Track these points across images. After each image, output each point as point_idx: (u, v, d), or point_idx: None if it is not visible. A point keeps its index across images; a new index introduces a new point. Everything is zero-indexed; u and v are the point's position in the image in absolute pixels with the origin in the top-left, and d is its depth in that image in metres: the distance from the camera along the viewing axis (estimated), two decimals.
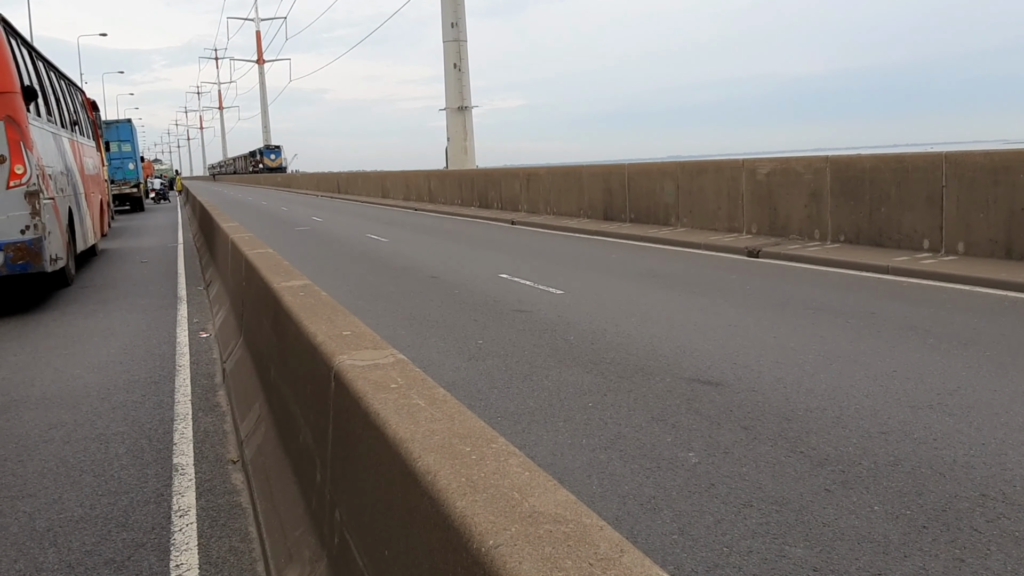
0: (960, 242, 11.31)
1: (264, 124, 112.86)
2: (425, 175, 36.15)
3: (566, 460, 4.89)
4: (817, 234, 13.78)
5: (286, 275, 5.62)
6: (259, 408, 5.06)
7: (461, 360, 7.37)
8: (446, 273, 13.16)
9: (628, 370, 6.77)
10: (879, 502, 4.16)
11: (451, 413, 2.46)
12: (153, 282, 13.75)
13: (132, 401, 6.60)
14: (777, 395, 5.94)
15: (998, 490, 4.23)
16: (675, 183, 17.71)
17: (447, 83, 35.35)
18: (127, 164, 38.35)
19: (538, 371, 6.87)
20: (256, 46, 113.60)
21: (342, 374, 3.00)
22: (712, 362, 6.89)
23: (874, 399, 5.75)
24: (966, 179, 11.20)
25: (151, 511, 4.46)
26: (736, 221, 15.81)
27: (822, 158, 13.94)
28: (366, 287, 12.05)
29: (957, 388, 5.92)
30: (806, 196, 14.03)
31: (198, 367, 7.62)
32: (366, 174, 49.85)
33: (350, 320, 3.98)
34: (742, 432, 5.23)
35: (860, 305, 9.09)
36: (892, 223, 12.36)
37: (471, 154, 36.15)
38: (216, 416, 6.11)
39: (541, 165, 28.20)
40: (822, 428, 5.23)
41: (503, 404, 6.02)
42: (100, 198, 19.02)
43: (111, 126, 37.56)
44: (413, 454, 2.15)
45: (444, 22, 34.92)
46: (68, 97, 16.68)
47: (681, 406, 5.78)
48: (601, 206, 20.67)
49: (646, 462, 4.80)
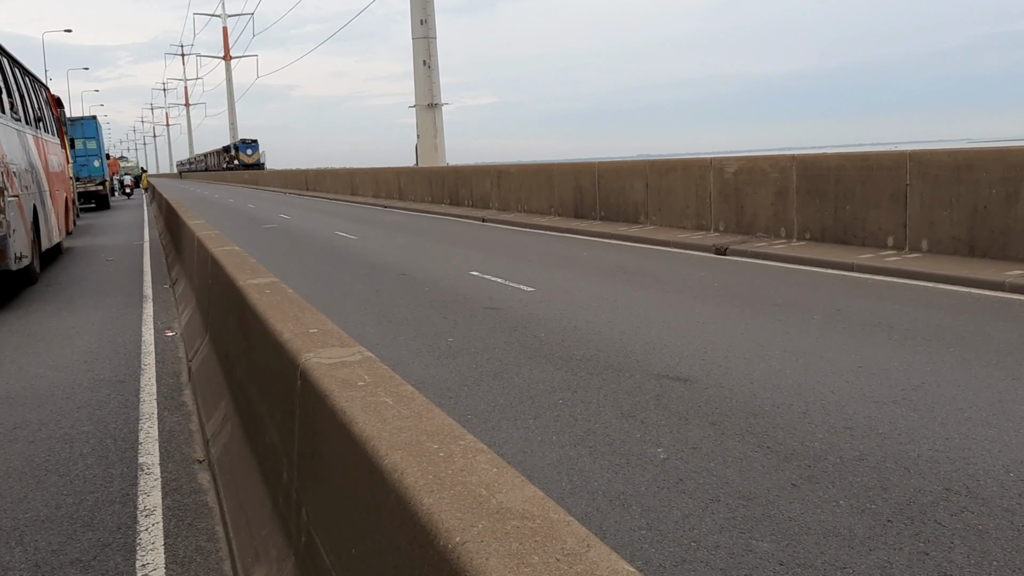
0: (924, 240, 11.46)
1: (231, 121, 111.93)
2: (395, 172, 36.01)
3: (536, 457, 4.90)
4: (783, 232, 13.90)
5: (252, 273, 5.57)
6: (225, 407, 5.01)
7: (431, 358, 7.35)
8: (416, 270, 13.12)
9: (598, 367, 6.79)
10: (844, 496, 4.21)
11: (419, 410, 2.45)
12: (119, 280, 13.58)
13: (97, 400, 6.52)
14: (744, 391, 5.99)
15: (961, 484, 4.29)
16: (644, 181, 17.79)
17: (417, 80, 35.23)
18: (92, 161, 37.84)
19: (509, 368, 6.87)
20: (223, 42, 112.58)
21: (308, 372, 2.97)
22: (681, 358, 6.93)
23: (840, 394, 5.81)
24: (930, 177, 11.35)
25: (117, 511, 4.41)
26: (704, 219, 15.91)
27: (788, 157, 14.06)
28: (334, 285, 11.99)
29: (921, 383, 6.00)
30: (773, 194, 14.14)
31: (164, 366, 7.54)
32: (335, 171, 49.57)
33: (317, 318, 3.95)
34: (710, 428, 5.26)
35: (826, 302, 9.18)
36: (857, 221, 12.50)
37: (442, 151, 36.06)
38: (182, 415, 6.05)
39: (512, 163, 28.20)
40: (789, 423, 5.28)
41: (473, 402, 6.02)
42: (65, 196, 18.75)
43: (76, 123, 37.03)
44: (380, 451, 2.14)
45: (413, 19, 34.80)
46: (32, 94, 16.42)
47: (650, 402, 5.81)
48: (572, 204, 20.71)
49: (615, 458, 4.82)
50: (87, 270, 15.20)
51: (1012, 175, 10.32)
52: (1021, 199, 10.23)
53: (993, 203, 10.55)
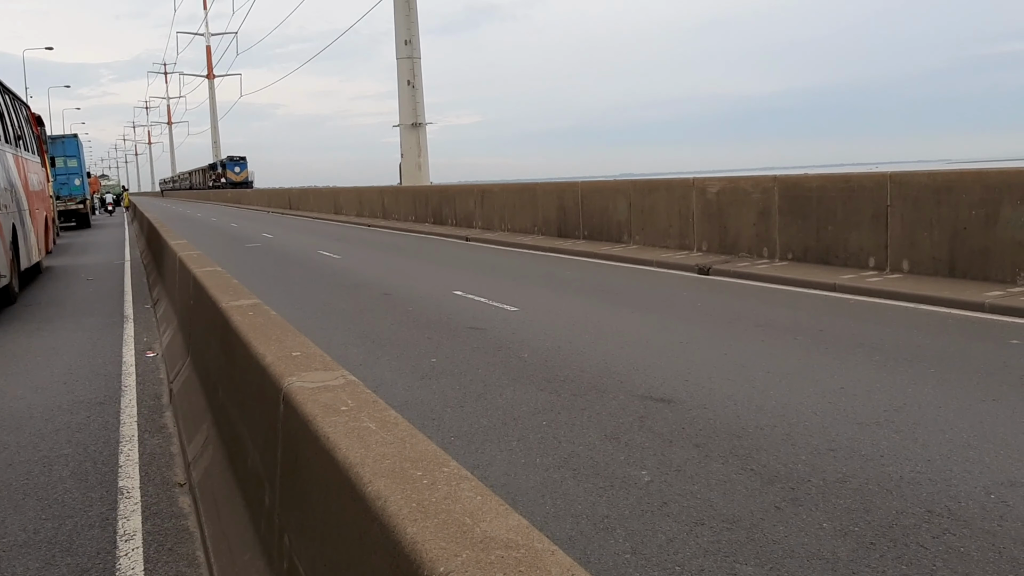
0: (905, 260, 11.55)
1: (214, 139, 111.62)
2: (379, 191, 36.01)
3: (520, 480, 4.88)
4: (766, 252, 13.98)
5: (235, 294, 5.54)
6: (207, 430, 4.97)
7: (414, 379, 7.33)
8: (399, 290, 13.10)
9: (582, 388, 6.78)
10: (828, 519, 4.21)
11: (403, 436, 2.44)
12: (99, 300, 13.48)
13: (77, 422, 6.45)
14: (728, 412, 5.99)
15: (943, 506, 4.31)
16: (628, 201, 17.86)
17: (401, 100, 35.29)
18: (73, 180, 37.64)
19: (492, 390, 6.86)
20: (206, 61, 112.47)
21: (291, 396, 2.95)
22: (664, 379, 6.94)
23: (823, 416, 5.83)
24: (910, 199, 11.45)
25: (96, 535, 4.36)
26: (687, 239, 15.98)
27: (770, 177, 14.16)
28: (317, 305, 11.94)
29: (903, 405, 6.03)
30: (755, 214, 14.23)
31: (144, 387, 7.48)
32: (318, 190, 49.50)
33: (300, 340, 3.93)
34: (694, 450, 5.26)
35: (809, 322, 9.23)
36: (839, 241, 12.59)
37: (425, 170, 36.09)
38: (163, 438, 5.99)
39: (496, 182, 28.27)
40: (772, 445, 5.28)
41: (457, 424, 5.99)
42: (45, 215, 18.63)
43: (57, 141, 36.84)
44: (363, 479, 2.12)
45: (398, 39, 34.90)
46: (12, 112, 16.33)
47: (634, 424, 5.81)
48: (555, 223, 20.76)
49: (599, 481, 4.81)
50: (67, 290, 15.08)
51: (990, 197, 10.43)
52: (1000, 221, 10.33)
53: (973, 224, 10.65)
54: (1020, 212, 10.10)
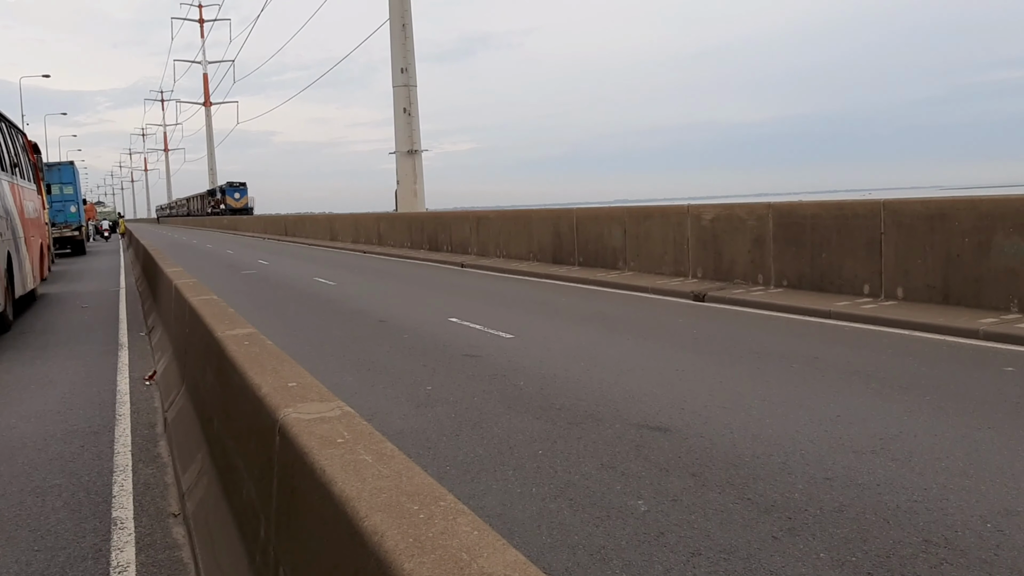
0: (899, 287, 11.58)
1: (210, 166, 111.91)
2: (375, 218, 36.08)
3: (516, 510, 4.86)
4: (761, 279, 14.02)
5: (231, 323, 5.54)
6: (202, 460, 4.95)
7: (410, 407, 7.31)
8: (395, 317, 13.10)
9: (578, 416, 6.77)
10: (825, 549, 4.20)
11: (399, 469, 2.43)
12: (94, 328, 13.46)
13: (70, 452, 6.42)
14: (725, 441, 5.99)
15: (940, 536, 4.30)
16: (623, 228, 17.92)
17: (397, 127, 35.47)
18: (69, 207, 37.67)
19: (488, 418, 6.84)
20: (203, 88, 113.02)
21: (287, 428, 2.95)
22: (660, 407, 6.93)
23: (819, 444, 5.83)
24: (904, 226, 11.51)
25: (89, 567, 4.32)
26: (682, 265, 16.02)
27: (765, 205, 14.22)
28: (313, 332, 11.93)
29: (899, 433, 6.02)
30: (750, 242, 14.28)
31: (139, 416, 7.45)
32: (314, 217, 49.58)
33: (296, 370, 3.93)
34: (691, 479, 5.25)
35: (804, 350, 9.24)
36: (833, 268, 12.63)
37: (421, 197, 36.21)
38: (157, 467, 5.97)
39: (491, 208, 28.37)
40: (769, 474, 5.28)
41: (452, 453, 5.98)
42: (40, 242, 18.63)
43: (53, 168, 36.92)
44: (360, 513, 2.12)
45: (394, 67, 35.14)
46: (8, 139, 16.38)
47: (630, 453, 5.79)
48: (550, 249, 20.81)
49: (596, 511, 4.79)
50: (62, 317, 15.05)
51: (983, 224, 10.49)
52: (993, 249, 10.38)
53: (966, 252, 10.70)
54: (1013, 241, 10.16)
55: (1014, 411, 6.49)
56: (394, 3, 34.86)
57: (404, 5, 34.84)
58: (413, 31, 35.15)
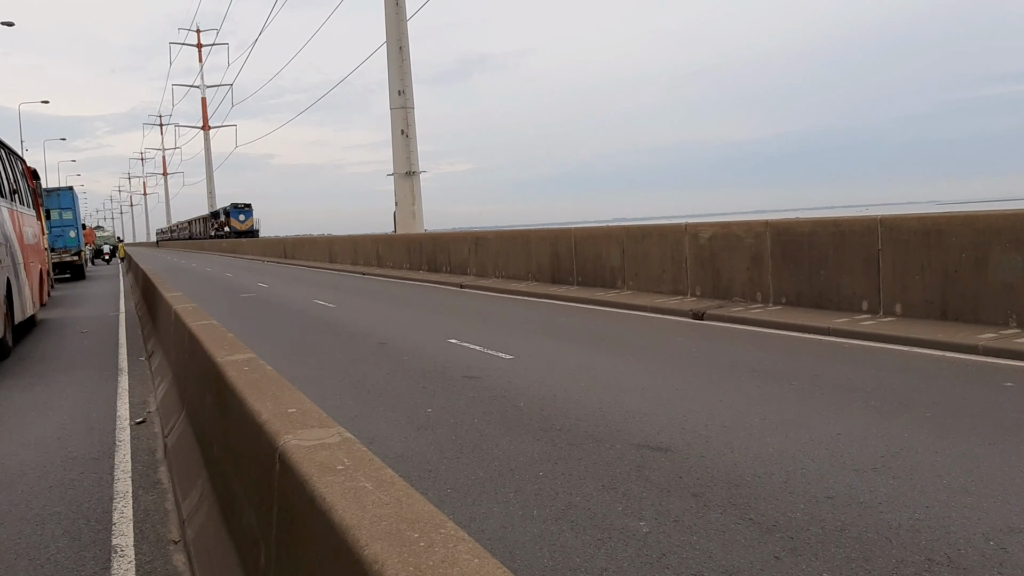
0: (897, 303, 11.60)
1: (209, 189, 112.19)
2: (373, 239, 36.14)
3: (517, 533, 4.85)
4: (759, 296, 14.03)
5: (231, 348, 5.54)
6: (202, 486, 4.94)
7: (410, 430, 7.30)
8: (394, 339, 13.09)
9: (578, 437, 6.76)
10: (828, 569, 4.19)
11: (399, 496, 2.43)
12: (93, 353, 13.45)
13: (70, 479, 6.40)
14: (725, 460, 5.98)
15: (943, 554, 4.29)
16: (621, 247, 17.95)
17: (395, 149, 35.59)
18: (68, 232, 37.74)
19: (488, 440, 6.83)
20: (202, 112, 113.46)
21: (287, 455, 2.95)
22: (661, 427, 6.92)
23: (820, 463, 5.82)
24: (901, 242, 11.53)
25: None
26: (681, 284, 16.03)
27: (762, 222, 14.26)
28: (312, 355, 11.93)
29: (900, 450, 6.02)
30: (748, 259, 14.30)
31: (139, 442, 7.44)
32: (313, 239, 49.64)
33: (296, 396, 3.93)
34: (692, 499, 5.24)
35: (804, 367, 9.24)
36: (831, 285, 12.65)
37: (419, 218, 36.29)
38: (157, 494, 5.95)
39: (489, 228, 28.41)
40: (770, 494, 5.27)
41: (453, 476, 5.96)
42: (40, 267, 18.65)
43: (52, 194, 37.01)
44: (360, 542, 2.12)
45: (391, 90, 35.30)
46: (8, 166, 16.44)
47: (631, 473, 5.79)
48: (549, 269, 20.83)
49: (597, 532, 4.78)
50: (61, 343, 15.04)
51: (980, 239, 10.52)
52: (990, 264, 10.41)
53: (963, 268, 10.72)
54: (1010, 257, 10.18)
55: (1015, 427, 6.49)
56: (391, 26, 35.08)
57: (401, 28, 35.05)
58: (410, 53, 35.35)
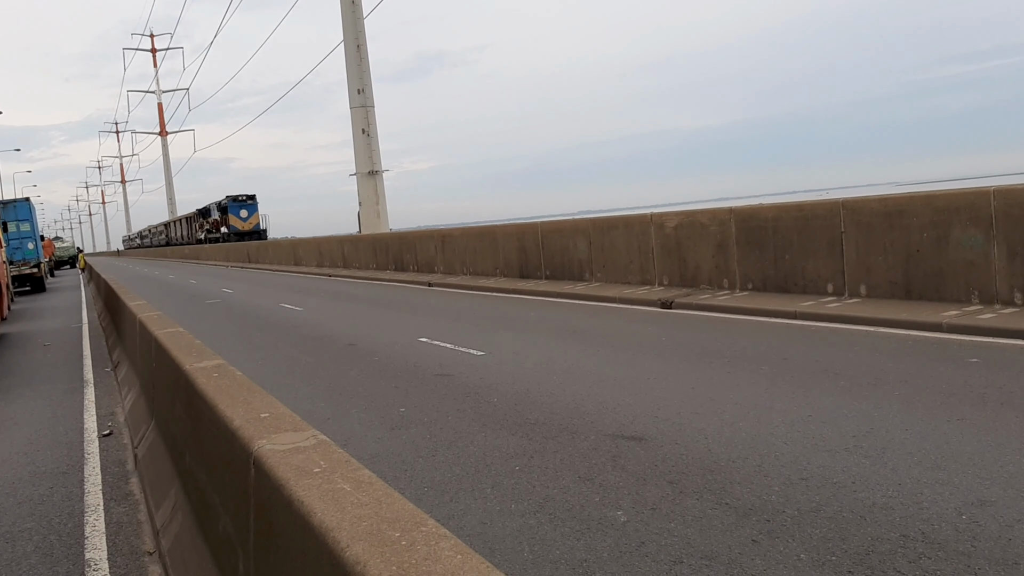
0: (862, 285, 11.74)
1: (169, 196, 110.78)
2: (339, 241, 35.93)
3: (496, 528, 4.84)
4: (726, 283, 14.13)
5: (198, 355, 5.47)
6: (175, 495, 4.88)
7: (384, 430, 7.26)
8: (364, 340, 13.02)
9: (553, 430, 6.77)
10: (805, 550, 4.23)
11: (378, 496, 2.41)
12: (58, 366, 13.24)
13: (39, 494, 6.30)
14: (699, 447, 6.01)
15: (917, 530, 4.34)
16: (588, 239, 17.99)
17: (356, 148, 35.39)
18: (26, 244, 37.11)
19: (463, 437, 6.82)
20: (159, 118, 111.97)
21: (262, 460, 2.92)
22: (634, 416, 6.95)
23: (793, 445, 5.87)
24: (863, 224, 11.67)
25: None
26: (648, 274, 16.11)
27: (726, 210, 14.36)
28: (282, 359, 11.83)
29: (870, 429, 6.09)
30: (713, 247, 14.40)
31: (108, 454, 7.33)
32: (277, 242, 49.27)
33: (268, 400, 3.89)
34: (668, 487, 5.26)
35: (772, 351, 9.32)
36: (797, 269, 12.77)
37: (384, 217, 36.11)
38: (129, 505, 5.87)
39: (456, 225, 28.33)
40: (745, 478, 5.30)
41: (429, 474, 5.94)
42: None
43: (8, 206, 36.40)
44: (341, 543, 2.10)
45: (351, 89, 35.09)
46: None
47: (607, 464, 5.80)
48: (517, 264, 20.83)
49: (576, 524, 4.79)
50: (24, 357, 14.79)
51: (940, 219, 10.67)
52: (951, 242, 10.56)
53: (925, 247, 10.87)
54: (969, 234, 10.34)
55: (981, 402, 6.59)
56: (347, 24, 34.85)
57: (358, 26, 34.83)
58: (368, 52, 35.14)
